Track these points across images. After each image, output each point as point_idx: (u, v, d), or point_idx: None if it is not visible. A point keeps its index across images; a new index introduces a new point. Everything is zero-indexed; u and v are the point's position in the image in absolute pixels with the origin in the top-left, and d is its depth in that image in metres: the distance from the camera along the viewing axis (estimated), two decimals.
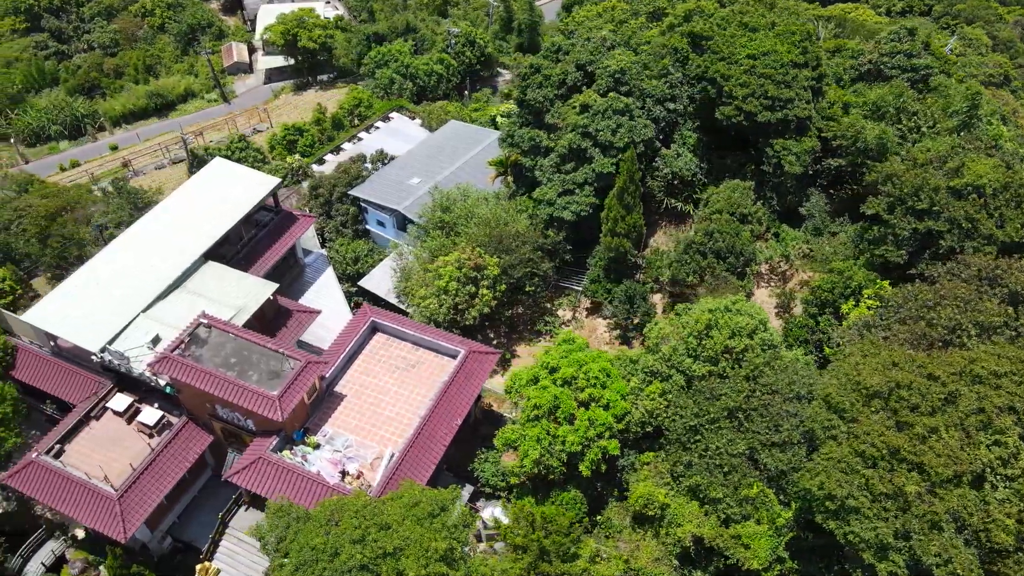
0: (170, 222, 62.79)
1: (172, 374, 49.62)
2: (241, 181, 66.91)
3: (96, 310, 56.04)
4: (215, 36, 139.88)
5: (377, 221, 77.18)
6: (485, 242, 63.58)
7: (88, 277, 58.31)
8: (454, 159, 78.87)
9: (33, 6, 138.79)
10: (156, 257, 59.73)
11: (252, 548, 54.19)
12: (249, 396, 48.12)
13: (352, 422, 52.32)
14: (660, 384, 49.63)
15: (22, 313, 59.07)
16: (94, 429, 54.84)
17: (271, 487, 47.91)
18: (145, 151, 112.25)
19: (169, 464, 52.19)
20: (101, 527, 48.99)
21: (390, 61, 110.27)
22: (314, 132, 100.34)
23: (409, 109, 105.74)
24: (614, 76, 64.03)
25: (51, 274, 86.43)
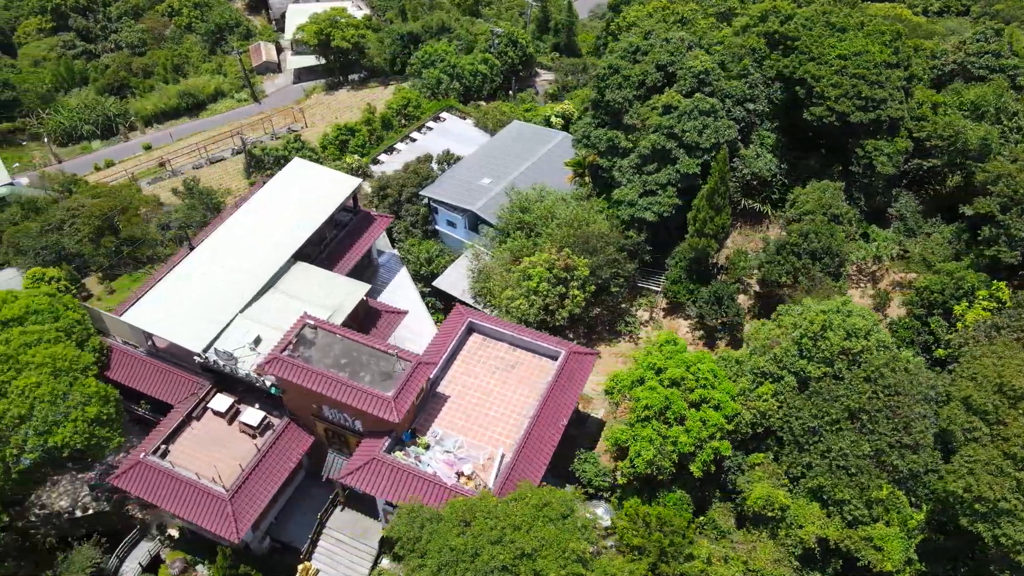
0: (258, 222, 62.98)
1: (282, 374, 49.71)
2: (322, 181, 67.11)
3: (195, 311, 56.17)
4: (242, 36, 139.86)
5: (447, 221, 77.33)
6: (569, 243, 63.64)
7: (182, 278, 58.10)
8: (522, 159, 78.98)
9: (60, 5, 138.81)
10: (248, 257, 59.89)
11: (350, 548, 54.52)
12: (363, 397, 48.22)
13: (458, 422, 52.48)
14: (771, 385, 49.75)
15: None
16: (196, 429, 55.07)
17: (385, 488, 48.05)
18: (180, 151, 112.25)
19: (275, 464, 52.39)
20: (213, 527, 49.07)
21: (436, 61, 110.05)
22: (365, 132, 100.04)
23: (459, 109, 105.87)
24: (698, 77, 64.20)
25: (102, 274, 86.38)
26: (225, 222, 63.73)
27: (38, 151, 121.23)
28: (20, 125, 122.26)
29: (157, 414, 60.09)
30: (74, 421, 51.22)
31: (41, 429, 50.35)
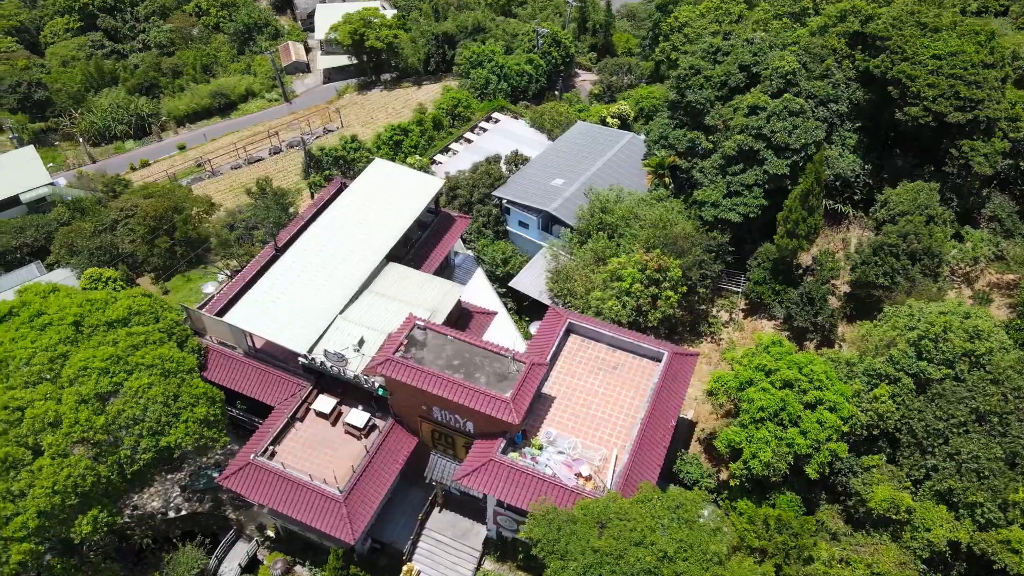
0: (348, 223, 62.98)
1: (394, 376, 49.79)
2: (407, 182, 67.23)
3: (295, 312, 56.27)
4: (270, 36, 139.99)
5: (519, 222, 77.47)
6: (655, 244, 63.75)
7: (278, 279, 58.09)
8: (592, 160, 79.17)
9: (87, 5, 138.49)
10: (342, 258, 59.99)
11: (451, 550, 54.65)
12: (480, 398, 48.33)
13: (567, 423, 52.64)
14: (887, 387, 49.91)
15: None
16: (299, 431, 55.19)
17: (502, 489, 48.14)
18: (216, 151, 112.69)
19: (383, 466, 52.56)
20: (327, 528, 49.22)
21: (484, 61, 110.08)
22: (417, 132, 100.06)
23: (511, 109, 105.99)
24: (785, 77, 64.35)
25: (155, 274, 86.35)
26: (316, 222, 63.47)
27: (71, 151, 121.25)
28: (53, 125, 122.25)
29: (251, 415, 60.01)
30: (185, 422, 51.17)
31: (155, 430, 50.23)
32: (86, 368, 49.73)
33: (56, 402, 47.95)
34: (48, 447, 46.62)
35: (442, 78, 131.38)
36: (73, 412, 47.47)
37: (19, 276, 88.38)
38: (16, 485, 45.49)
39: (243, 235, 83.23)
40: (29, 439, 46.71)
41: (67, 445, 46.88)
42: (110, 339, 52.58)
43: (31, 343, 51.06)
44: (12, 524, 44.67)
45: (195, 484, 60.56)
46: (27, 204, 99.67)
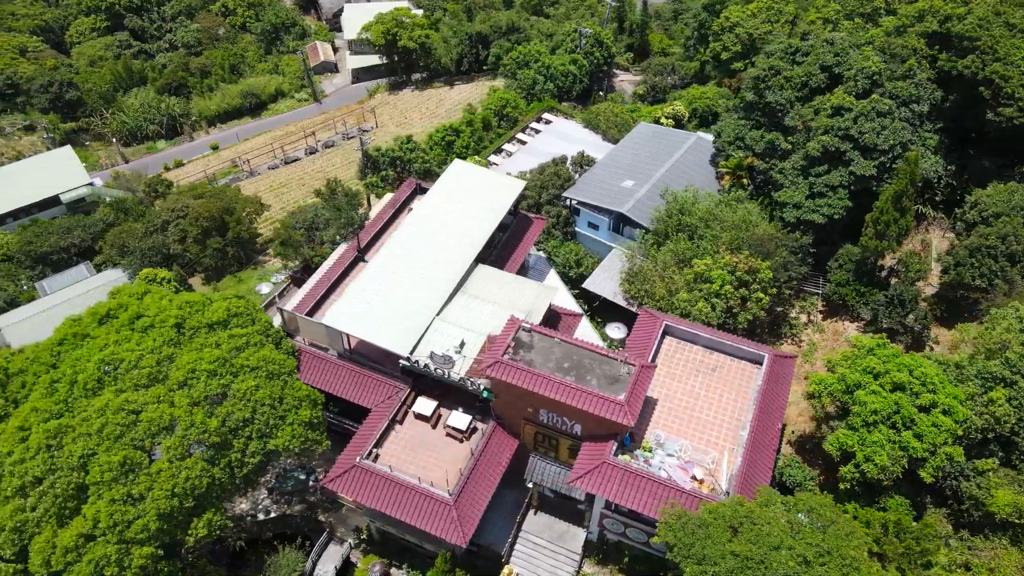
0: (434, 224, 62.94)
1: (504, 378, 49.89)
2: (489, 183, 67.25)
3: (392, 314, 56.32)
4: (298, 36, 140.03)
5: (588, 223, 77.59)
6: (739, 246, 63.87)
7: (371, 280, 58.08)
8: (661, 161, 79.29)
9: (114, 5, 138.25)
10: (433, 260, 60.02)
11: (550, 552, 54.64)
12: (593, 401, 48.43)
13: (671, 426, 52.76)
14: (1003, 390, 50.06)
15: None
16: (399, 433, 55.21)
17: (617, 491, 48.26)
18: (249, 151, 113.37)
19: (488, 468, 52.67)
20: (438, 531, 49.28)
21: (531, 61, 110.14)
22: (468, 133, 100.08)
23: (560, 110, 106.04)
24: (871, 78, 64.45)
25: (206, 275, 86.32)
26: (403, 223, 63.50)
27: (102, 151, 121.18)
28: (83, 125, 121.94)
29: (341, 418, 59.99)
30: (291, 425, 51.15)
31: (263, 433, 50.22)
32: (194, 371, 49.68)
33: (169, 405, 47.75)
34: (166, 450, 46.42)
35: (474, 78, 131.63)
36: (188, 415, 47.40)
37: (69, 276, 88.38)
38: (136, 488, 45.28)
39: (310, 236, 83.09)
40: (146, 442, 46.55)
41: (184, 448, 46.71)
42: (212, 341, 52.51)
43: (136, 345, 50.89)
44: (133, 527, 44.63)
45: (282, 486, 60.54)
46: (66, 204, 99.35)
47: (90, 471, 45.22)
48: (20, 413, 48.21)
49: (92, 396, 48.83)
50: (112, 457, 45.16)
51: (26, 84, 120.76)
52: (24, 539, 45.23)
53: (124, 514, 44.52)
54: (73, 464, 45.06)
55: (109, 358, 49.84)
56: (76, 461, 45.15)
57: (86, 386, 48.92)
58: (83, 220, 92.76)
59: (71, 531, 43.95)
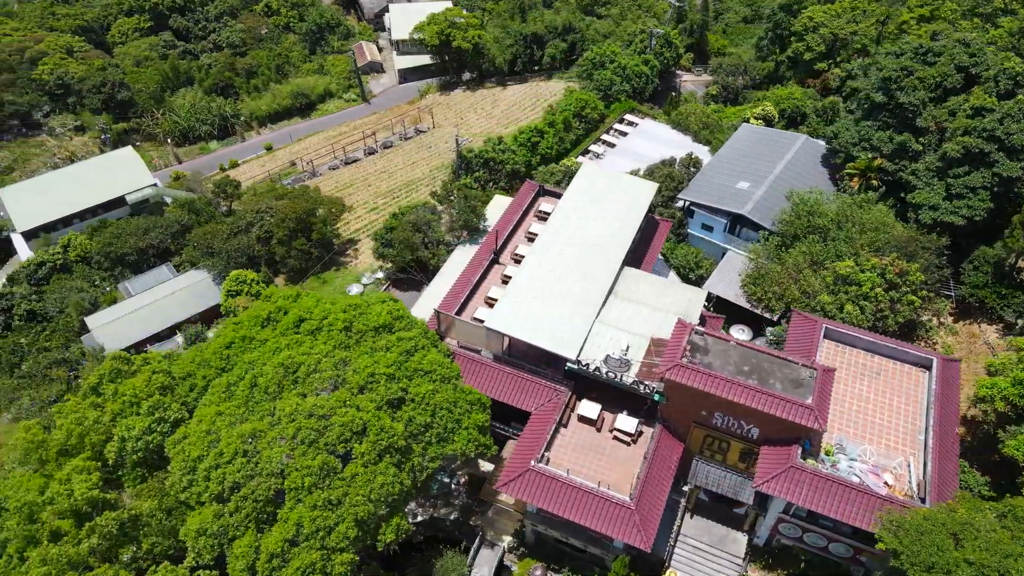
0: (577, 227, 63.28)
1: (684, 381, 50.11)
2: (623, 186, 67.69)
3: (554, 317, 56.68)
4: (342, 36, 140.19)
5: (702, 224, 78.00)
6: (879, 248, 64.28)
7: (526, 284, 58.36)
8: (772, 163, 79.90)
9: (157, 5, 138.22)
10: (583, 263, 60.29)
11: (710, 556, 54.90)
12: (781, 404, 48.82)
13: (848, 430, 53.27)
14: None
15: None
16: (564, 436, 55.29)
17: (807, 496, 48.67)
18: (305, 151, 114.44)
19: (660, 472, 52.80)
20: (619, 535, 49.61)
21: (607, 62, 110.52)
22: (552, 134, 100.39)
23: (641, 111, 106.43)
24: (1014, 78, 64.98)
25: (288, 276, 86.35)
26: (547, 225, 63.77)
27: (154, 151, 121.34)
28: (135, 125, 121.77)
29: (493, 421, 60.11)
30: (466, 429, 51.30)
31: (441, 437, 50.39)
32: (373, 375, 49.75)
33: (356, 409, 47.84)
34: (359, 455, 46.54)
35: (527, 79, 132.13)
36: (376, 420, 47.43)
37: (152, 277, 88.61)
38: (333, 494, 45.39)
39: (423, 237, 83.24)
40: (339, 447, 46.63)
41: (376, 454, 46.83)
42: (381, 345, 52.61)
43: (310, 349, 50.95)
44: (335, 534, 44.62)
45: (428, 489, 60.55)
46: (131, 205, 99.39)
47: (289, 476, 45.17)
48: (204, 416, 48.24)
49: (273, 400, 48.79)
50: (311, 462, 45.23)
51: (78, 84, 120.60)
52: (223, 544, 45.13)
53: (325, 520, 44.55)
54: (273, 469, 45.04)
55: (288, 361, 49.83)
56: (276, 467, 45.11)
57: (267, 390, 48.97)
58: (160, 221, 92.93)
59: (276, 537, 44.02)
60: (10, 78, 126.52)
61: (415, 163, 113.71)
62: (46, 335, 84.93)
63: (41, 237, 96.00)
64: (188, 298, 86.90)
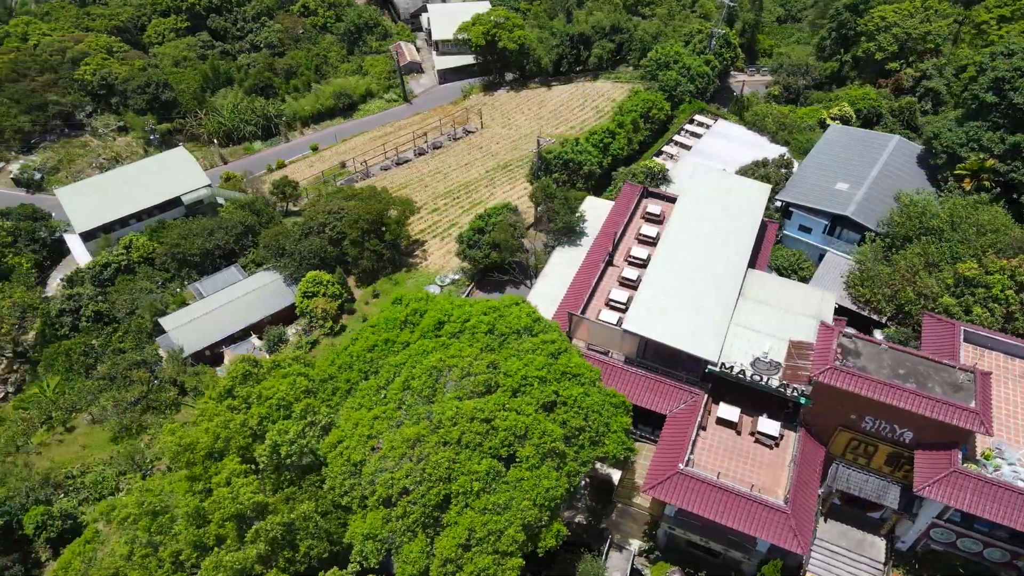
0: (700, 230, 63.41)
1: (837, 384, 50.19)
2: (738, 187, 67.76)
3: (690, 320, 56.74)
4: (380, 36, 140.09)
5: (799, 226, 78.02)
6: (1002, 248, 64.42)
7: (657, 286, 58.35)
8: (867, 163, 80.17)
9: (194, 5, 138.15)
10: (712, 265, 60.32)
11: (849, 561, 55.02)
12: (944, 409, 48.98)
13: (1000, 434, 53.13)
14: None
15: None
16: (704, 439, 55.34)
17: (971, 501, 48.73)
18: (352, 151, 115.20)
19: (808, 476, 52.66)
20: (774, 539, 49.67)
21: (671, 63, 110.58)
22: (623, 135, 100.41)
23: (711, 111, 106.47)
24: None
25: (358, 277, 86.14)
26: (668, 228, 63.78)
27: (198, 151, 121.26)
28: (178, 126, 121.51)
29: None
30: (615, 432, 51.15)
31: (593, 440, 50.25)
32: (526, 377, 49.54)
33: (516, 413, 47.62)
34: (523, 459, 46.37)
35: (572, 79, 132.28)
36: (537, 423, 47.26)
37: (222, 279, 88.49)
38: (500, 498, 45.21)
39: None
40: (502, 451, 46.44)
41: (539, 457, 46.65)
42: (526, 347, 52.41)
43: (459, 351, 50.74)
44: (504, 538, 44.40)
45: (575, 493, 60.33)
46: (186, 206, 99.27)
47: (456, 480, 44.96)
48: (361, 420, 47.99)
49: (427, 403, 48.58)
50: (478, 466, 45.03)
51: (122, 85, 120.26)
52: (389, 548, 44.92)
53: (496, 524, 44.33)
54: (442, 474, 44.82)
55: (439, 364, 49.59)
56: (443, 471, 44.91)
57: (421, 393, 48.69)
58: (224, 222, 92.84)
59: (450, 541, 43.79)
60: (52, 78, 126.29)
61: (468, 164, 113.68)
62: (118, 336, 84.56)
63: (101, 238, 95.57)
64: (261, 299, 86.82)
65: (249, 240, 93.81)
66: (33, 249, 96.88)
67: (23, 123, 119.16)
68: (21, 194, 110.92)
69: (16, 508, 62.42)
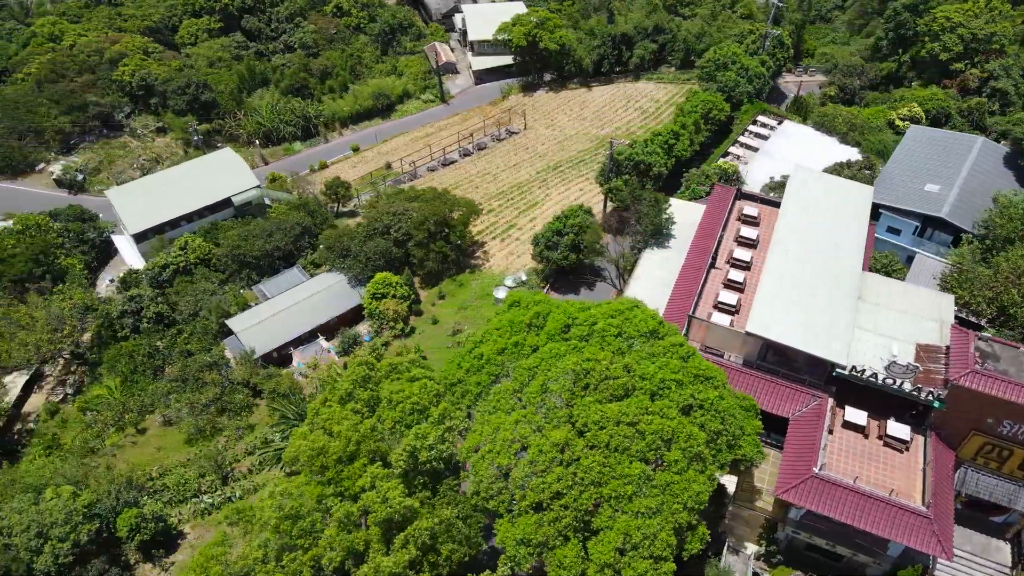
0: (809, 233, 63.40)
1: (982, 388, 50.27)
2: (840, 189, 67.84)
3: (814, 323, 56.87)
4: (414, 37, 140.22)
5: (888, 227, 77.98)
6: None
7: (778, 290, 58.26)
8: (955, 165, 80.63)
9: (227, 6, 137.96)
10: (827, 269, 60.22)
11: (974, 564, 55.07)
12: None
13: None
14: None
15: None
16: (832, 443, 55.14)
17: None
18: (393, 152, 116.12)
19: (943, 480, 52.55)
20: (920, 545, 49.68)
21: (729, 63, 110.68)
22: (686, 136, 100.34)
23: (774, 112, 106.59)
24: None
25: (422, 278, 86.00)
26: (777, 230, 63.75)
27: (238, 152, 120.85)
28: (217, 126, 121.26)
29: None
30: (749, 435, 51.04)
31: (730, 443, 50.13)
32: (663, 380, 49.35)
33: (660, 416, 47.39)
34: (671, 463, 46.20)
35: (613, 79, 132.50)
36: (682, 427, 47.07)
37: (286, 280, 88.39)
38: (652, 502, 45.01)
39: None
40: (649, 455, 46.24)
41: (686, 461, 46.46)
42: (656, 350, 52.20)
43: (593, 355, 50.47)
44: (658, 543, 44.17)
45: None
46: (236, 207, 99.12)
47: (607, 484, 44.73)
48: (502, 423, 47.71)
49: (566, 407, 48.36)
50: (629, 470, 44.81)
51: (161, 86, 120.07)
52: (541, 553, 44.67)
53: (650, 528, 44.10)
54: (594, 478, 44.61)
55: (577, 368, 49.30)
56: (595, 475, 44.68)
57: (560, 396, 48.45)
58: (282, 223, 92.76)
59: (607, 546, 43.53)
60: (91, 79, 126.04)
61: (517, 165, 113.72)
62: (183, 338, 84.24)
63: (156, 239, 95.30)
64: (327, 301, 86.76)
65: (306, 241, 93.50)
66: (82, 250, 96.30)
67: (63, 124, 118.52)
68: (63, 195, 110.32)
69: (107, 510, 61.85)
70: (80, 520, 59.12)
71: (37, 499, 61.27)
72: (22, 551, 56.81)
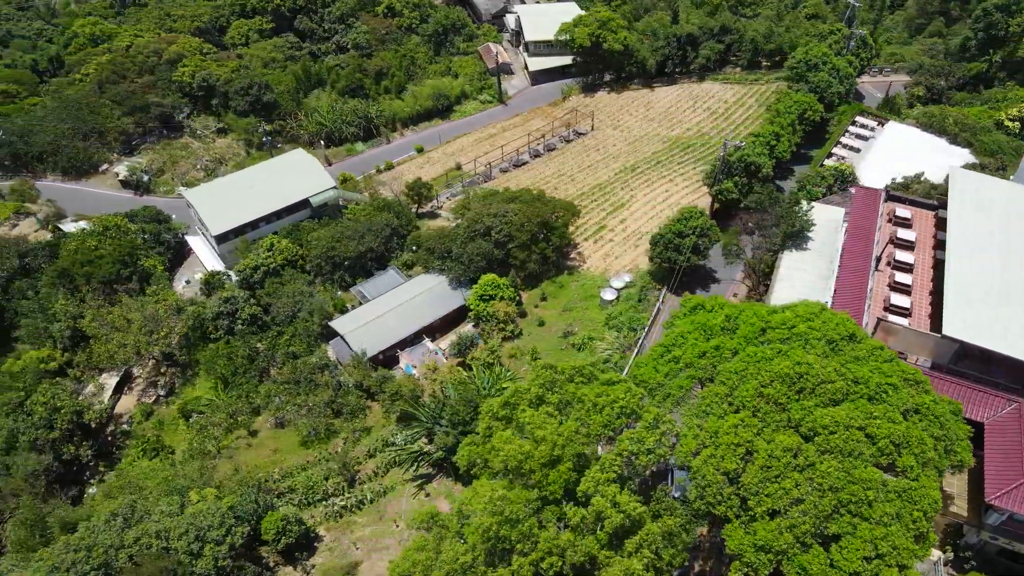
0: (986, 235, 63.14)
1: None
2: (1008, 191, 67.45)
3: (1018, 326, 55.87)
4: (467, 37, 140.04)
5: None
6: None
7: (965, 294, 57.87)
8: None
9: (279, 6, 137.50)
10: (1017, 272, 59.67)
11: None
12: None
13: None
14: None
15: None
16: None
17: None
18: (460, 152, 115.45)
19: None
20: None
21: (819, 64, 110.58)
22: (786, 137, 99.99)
23: (872, 113, 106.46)
24: None
25: (523, 280, 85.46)
26: (954, 233, 63.55)
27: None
28: (278, 127, 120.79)
29: None
30: (962, 440, 50.51)
31: (948, 447, 49.60)
32: (880, 384, 48.78)
33: (889, 421, 46.84)
34: (905, 468, 45.85)
35: (677, 80, 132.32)
36: (911, 431, 46.70)
37: (384, 281, 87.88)
38: (891, 508, 44.42)
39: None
40: (882, 460, 45.70)
41: (920, 467, 45.93)
42: (860, 353, 51.68)
43: (803, 358, 49.86)
44: (903, 551, 43.55)
45: None
46: (313, 208, 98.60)
47: (843, 489, 44.18)
48: (721, 427, 47.11)
49: (782, 411, 47.73)
50: (868, 475, 44.23)
51: (223, 87, 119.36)
52: (780, 560, 44.06)
53: (895, 535, 43.58)
54: (833, 483, 43.97)
55: (791, 372, 48.65)
56: (833, 481, 44.07)
57: (777, 401, 47.81)
58: (372, 225, 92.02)
59: (852, 553, 42.99)
60: (151, 80, 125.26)
61: (592, 166, 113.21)
62: (285, 340, 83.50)
63: (239, 240, 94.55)
64: (429, 302, 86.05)
65: (395, 243, 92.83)
66: (159, 252, 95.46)
67: (126, 124, 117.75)
68: (128, 195, 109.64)
69: (248, 513, 61.15)
70: (232, 523, 58.09)
71: (183, 503, 60.36)
72: (182, 555, 55.82)
